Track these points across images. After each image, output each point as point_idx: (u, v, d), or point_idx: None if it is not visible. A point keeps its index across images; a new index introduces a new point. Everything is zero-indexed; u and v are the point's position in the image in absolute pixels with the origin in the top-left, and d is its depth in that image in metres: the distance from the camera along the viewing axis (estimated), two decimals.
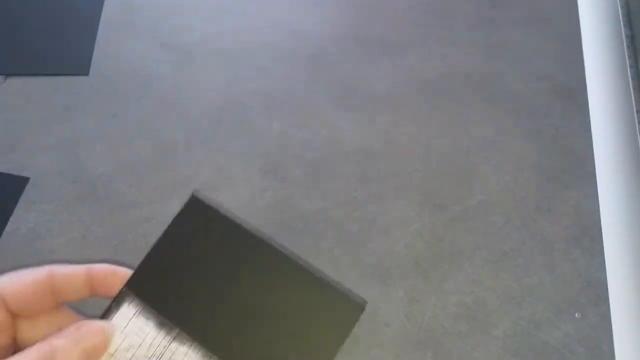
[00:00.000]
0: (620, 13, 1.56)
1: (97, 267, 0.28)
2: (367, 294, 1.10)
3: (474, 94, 1.45)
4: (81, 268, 0.28)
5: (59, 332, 0.25)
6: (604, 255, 1.17)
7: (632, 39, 1.51)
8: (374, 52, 1.54)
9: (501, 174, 1.30)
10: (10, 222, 1.17)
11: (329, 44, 1.56)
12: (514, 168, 1.31)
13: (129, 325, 0.27)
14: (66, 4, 1.61)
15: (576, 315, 1.09)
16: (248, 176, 1.28)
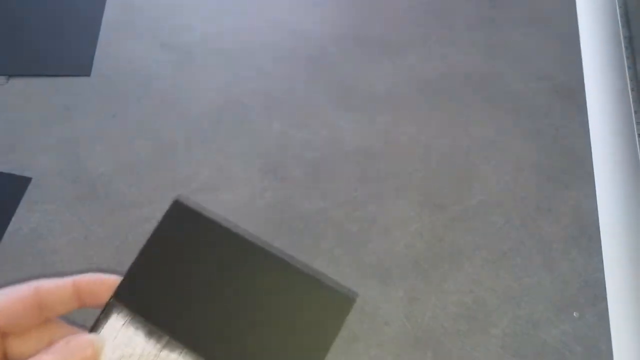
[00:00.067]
0: (619, 14, 1.57)
1: (84, 278, 0.28)
2: (367, 294, 1.10)
3: (474, 94, 1.46)
4: (67, 280, 0.27)
5: (48, 348, 0.25)
6: (602, 255, 1.17)
7: (630, 40, 1.51)
8: (374, 52, 1.54)
9: (501, 174, 1.30)
10: (12, 222, 1.18)
11: (329, 44, 1.56)
12: (514, 168, 1.31)
13: (119, 336, 0.27)
14: (69, 5, 1.61)
15: (574, 314, 1.09)
16: (248, 176, 1.28)
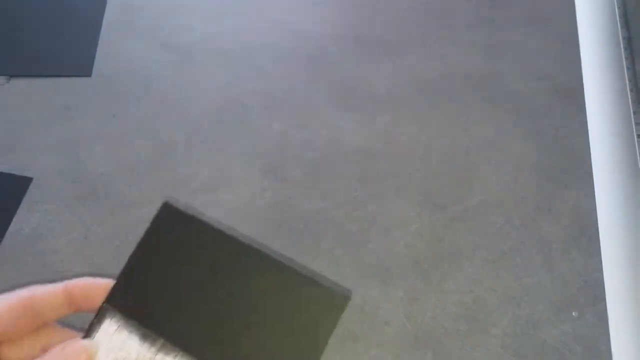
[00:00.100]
0: (617, 15, 1.57)
1: (75, 283, 0.28)
2: (367, 293, 1.10)
3: (474, 94, 1.46)
4: (59, 286, 0.27)
5: (43, 355, 0.25)
6: (601, 255, 1.17)
7: (629, 41, 1.51)
8: (374, 52, 1.54)
9: (501, 174, 1.30)
10: (13, 222, 1.18)
11: (329, 44, 1.56)
12: (514, 168, 1.31)
13: (113, 340, 0.26)
14: (70, 5, 1.61)
15: (574, 314, 1.09)
16: (248, 176, 1.28)
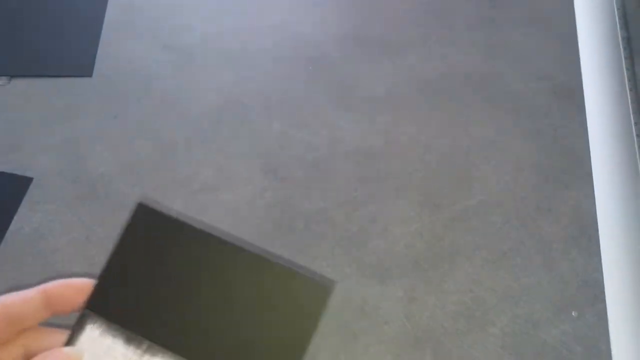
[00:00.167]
0: (617, 15, 1.57)
1: (52, 286, 0.27)
2: (367, 293, 1.11)
3: (474, 94, 1.46)
4: (35, 291, 0.27)
5: None
6: (601, 255, 1.18)
7: (629, 41, 1.51)
8: (374, 52, 1.54)
9: (501, 174, 1.30)
10: (14, 222, 1.18)
11: (329, 44, 1.56)
12: (514, 168, 1.31)
13: (97, 346, 0.26)
14: (71, 6, 1.62)
15: (573, 314, 1.09)
16: (248, 176, 1.28)
